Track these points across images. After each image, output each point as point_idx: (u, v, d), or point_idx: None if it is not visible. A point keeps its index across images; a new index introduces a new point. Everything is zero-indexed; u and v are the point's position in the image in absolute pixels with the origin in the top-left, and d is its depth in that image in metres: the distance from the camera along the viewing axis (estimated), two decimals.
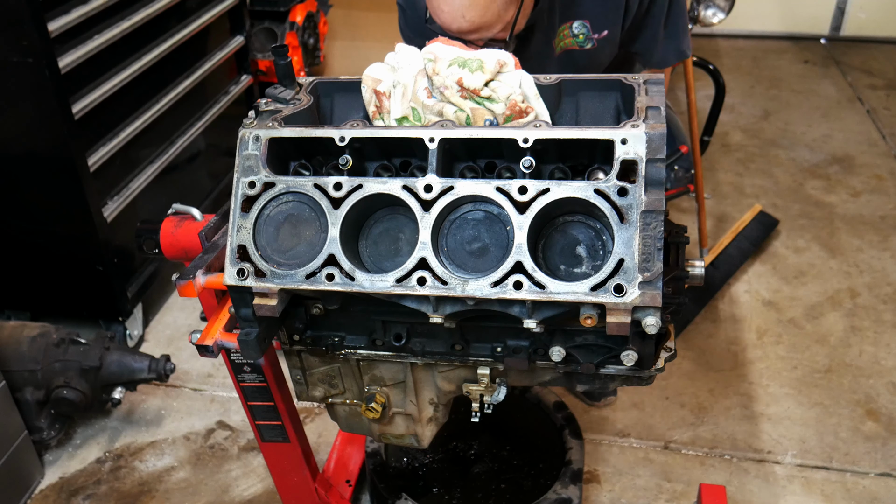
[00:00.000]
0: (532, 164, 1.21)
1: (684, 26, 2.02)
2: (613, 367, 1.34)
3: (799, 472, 2.35)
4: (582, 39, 1.88)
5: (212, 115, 3.20)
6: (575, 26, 1.87)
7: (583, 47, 1.89)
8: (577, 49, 1.90)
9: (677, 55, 2.05)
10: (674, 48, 2.02)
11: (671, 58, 2.04)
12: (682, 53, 2.05)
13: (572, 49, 1.90)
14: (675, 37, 2.00)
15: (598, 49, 1.90)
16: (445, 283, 1.19)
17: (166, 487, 2.36)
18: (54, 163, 2.43)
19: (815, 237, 3.41)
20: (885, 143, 4.18)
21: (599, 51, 1.91)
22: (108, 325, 2.78)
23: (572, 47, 1.90)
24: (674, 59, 2.06)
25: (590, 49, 1.90)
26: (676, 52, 2.04)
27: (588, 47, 1.90)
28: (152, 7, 2.71)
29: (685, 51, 2.05)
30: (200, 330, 1.40)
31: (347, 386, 1.57)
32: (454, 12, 1.52)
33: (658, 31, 1.96)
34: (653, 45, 1.99)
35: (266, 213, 1.27)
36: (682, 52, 2.04)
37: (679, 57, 2.06)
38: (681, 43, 2.03)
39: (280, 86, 1.44)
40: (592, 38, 1.88)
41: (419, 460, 2.10)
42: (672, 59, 2.05)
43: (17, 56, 2.22)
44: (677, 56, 2.05)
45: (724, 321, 2.94)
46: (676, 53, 2.04)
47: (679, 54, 2.05)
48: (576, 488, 1.95)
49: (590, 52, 1.90)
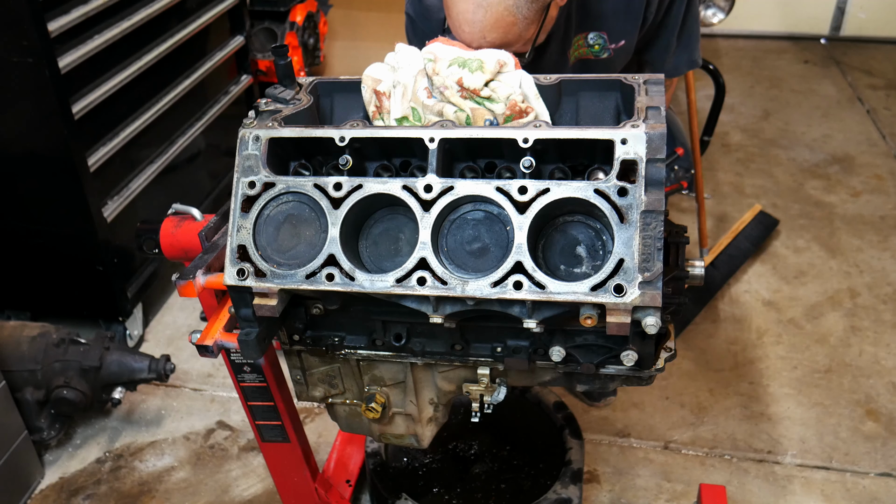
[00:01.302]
0: (532, 164, 1.21)
1: (697, 36, 2.01)
2: (613, 367, 1.34)
3: (799, 472, 2.35)
4: (598, 50, 1.87)
5: (212, 115, 3.20)
6: (591, 37, 1.85)
7: (598, 57, 1.89)
8: (591, 58, 1.90)
9: (689, 64, 2.04)
10: (686, 58, 2.02)
11: (683, 67, 2.04)
12: (693, 63, 2.05)
13: (587, 58, 1.90)
14: (688, 47, 2.00)
15: (614, 58, 1.90)
16: (445, 283, 1.19)
17: (166, 487, 2.36)
18: (54, 163, 2.43)
19: (815, 237, 3.41)
20: (885, 143, 4.18)
21: (615, 59, 1.90)
22: (108, 325, 2.78)
23: (587, 56, 1.89)
24: (685, 68, 2.06)
25: (605, 58, 1.89)
26: (688, 62, 2.04)
27: (604, 57, 1.89)
28: (152, 7, 2.71)
29: (696, 60, 2.05)
30: (200, 330, 1.40)
31: (347, 386, 1.57)
32: (475, 33, 1.48)
33: (671, 40, 1.95)
34: (665, 55, 1.98)
35: (266, 214, 1.27)
36: (693, 61, 2.04)
37: (690, 66, 2.06)
38: (693, 53, 2.02)
39: (280, 86, 1.44)
40: (609, 48, 1.87)
41: (419, 460, 2.10)
42: (684, 68, 2.05)
43: (17, 56, 2.22)
44: (689, 65, 2.05)
45: (724, 321, 2.94)
46: (688, 63, 2.04)
47: (690, 63, 2.05)
48: (576, 488, 1.95)
49: (605, 61, 1.89)
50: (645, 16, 1.85)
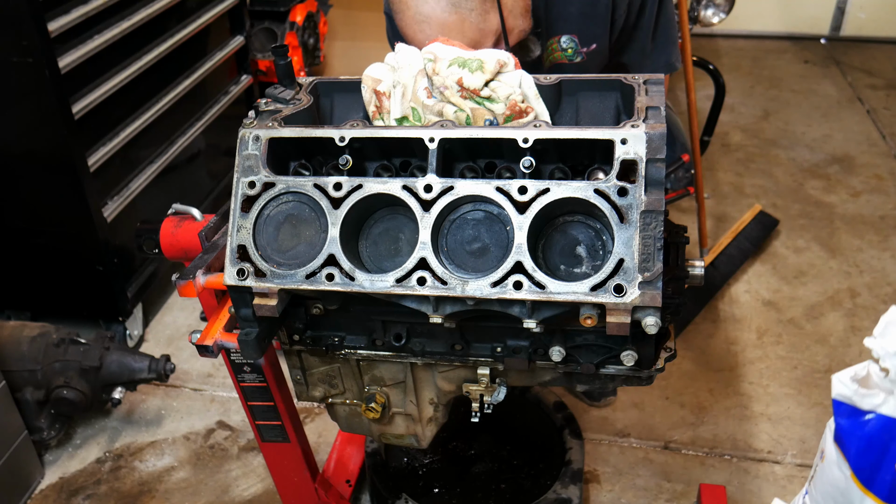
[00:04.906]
0: (532, 164, 1.21)
1: (673, 39, 2.01)
2: (613, 367, 1.34)
3: (799, 472, 2.35)
4: (571, 53, 1.88)
5: (212, 115, 3.20)
6: (563, 40, 1.87)
7: (572, 61, 1.90)
8: (566, 63, 1.90)
9: (666, 68, 2.04)
10: (663, 61, 2.01)
11: (660, 70, 2.03)
12: (671, 66, 2.04)
13: (562, 63, 1.91)
14: (664, 50, 2.00)
15: (588, 62, 1.91)
16: (445, 283, 1.19)
17: (166, 487, 2.36)
18: (54, 163, 2.43)
19: (815, 237, 3.41)
20: (885, 143, 4.18)
21: (589, 63, 1.91)
22: (108, 325, 2.78)
23: (562, 61, 1.90)
24: (663, 71, 2.04)
25: (579, 62, 1.90)
26: (666, 66, 2.03)
27: (577, 61, 1.90)
28: (152, 7, 2.71)
29: (674, 63, 2.04)
30: (200, 330, 1.40)
31: (347, 386, 1.57)
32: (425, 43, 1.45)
33: (646, 44, 1.95)
34: (641, 58, 1.98)
35: (266, 213, 1.27)
36: (671, 65, 2.03)
37: (668, 70, 2.05)
38: (670, 56, 2.02)
39: (280, 86, 1.44)
40: (581, 51, 1.88)
41: (419, 460, 2.10)
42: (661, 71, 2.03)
43: (17, 56, 2.22)
44: (666, 69, 2.04)
45: (724, 321, 2.94)
46: (665, 66, 2.03)
47: (668, 67, 2.04)
48: (576, 488, 1.95)
49: (579, 65, 1.90)
50: (613, 18, 1.85)
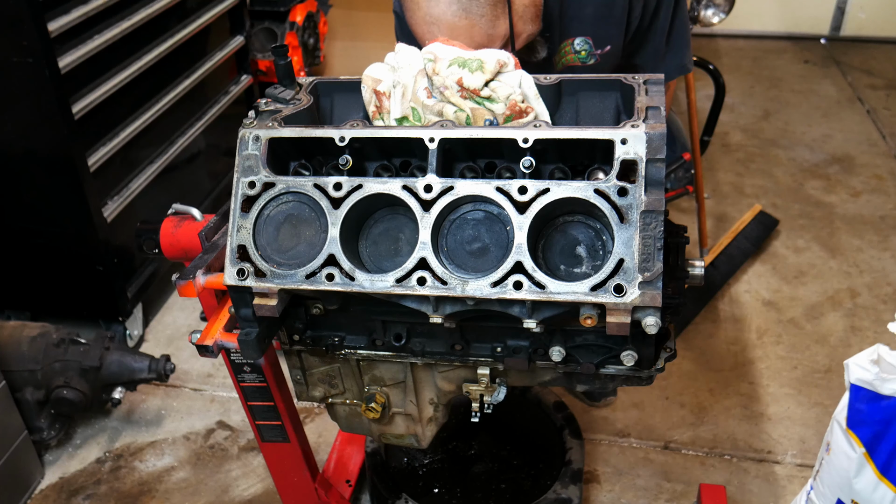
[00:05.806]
0: (532, 164, 1.21)
1: (687, 41, 2.01)
2: (613, 367, 1.34)
3: (799, 472, 2.35)
4: (584, 56, 1.87)
5: (212, 115, 3.20)
6: (577, 43, 1.86)
7: (585, 63, 1.89)
8: (578, 65, 1.90)
9: (679, 70, 2.04)
10: (676, 63, 2.01)
11: (672, 72, 2.04)
12: (683, 68, 2.04)
13: (574, 65, 1.90)
14: (678, 52, 2.00)
15: (601, 64, 1.90)
16: (445, 283, 1.19)
17: (166, 487, 2.36)
18: (54, 163, 2.43)
19: (815, 237, 3.41)
20: (885, 143, 4.18)
21: (602, 65, 1.90)
22: (108, 325, 2.78)
23: (574, 63, 1.89)
24: (675, 73, 2.06)
25: (592, 64, 1.89)
26: (678, 67, 2.03)
27: (591, 63, 1.89)
28: (152, 7, 2.71)
29: (687, 65, 2.04)
30: (200, 330, 1.40)
31: (347, 386, 1.57)
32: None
33: (660, 46, 1.95)
34: (654, 60, 1.98)
35: (266, 213, 1.27)
36: (683, 66, 2.04)
37: (680, 72, 2.05)
38: (683, 57, 2.02)
39: (280, 86, 1.44)
40: (595, 53, 1.87)
41: (419, 460, 2.10)
42: (674, 73, 2.05)
43: (17, 56, 2.22)
44: (679, 71, 2.05)
45: (724, 321, 2.94)
46: (678, 68, 2.03)
47: (680, 69, 2.04)
48: (576, 488, 1.95)
49: (592, 66, 1.90)
50: (629, 21, 1.85)
